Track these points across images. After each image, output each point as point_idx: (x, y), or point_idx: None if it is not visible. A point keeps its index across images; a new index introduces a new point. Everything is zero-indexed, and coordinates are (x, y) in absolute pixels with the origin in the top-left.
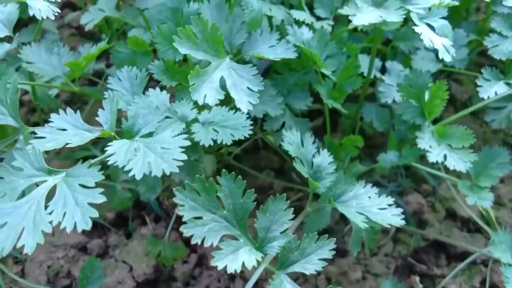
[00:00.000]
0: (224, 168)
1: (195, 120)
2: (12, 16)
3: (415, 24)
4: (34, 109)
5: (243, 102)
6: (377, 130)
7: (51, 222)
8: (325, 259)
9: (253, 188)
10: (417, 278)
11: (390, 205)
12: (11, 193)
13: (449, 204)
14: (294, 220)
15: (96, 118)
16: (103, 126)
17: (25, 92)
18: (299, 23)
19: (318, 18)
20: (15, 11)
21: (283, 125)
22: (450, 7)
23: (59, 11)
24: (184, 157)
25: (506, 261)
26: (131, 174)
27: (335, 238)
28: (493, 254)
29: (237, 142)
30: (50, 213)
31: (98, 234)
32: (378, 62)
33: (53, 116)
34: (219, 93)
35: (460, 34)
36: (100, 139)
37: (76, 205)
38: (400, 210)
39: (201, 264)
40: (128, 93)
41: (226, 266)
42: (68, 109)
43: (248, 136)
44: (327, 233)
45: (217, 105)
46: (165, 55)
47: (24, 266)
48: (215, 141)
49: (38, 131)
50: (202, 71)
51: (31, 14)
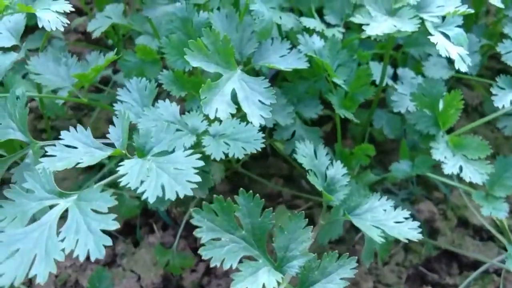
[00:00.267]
0: (232, 176)
1: (206, 133)
2: (19, 25)
3: (430, 34)
4: (41, 116)
5: (255, 116)
6: (388, 137)
7: (64, 250)
8: (347, 278)
9: (262, 196)
10: None
11: (407, 218)
12: (22, 217)
13: (461, 212)
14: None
15: (107, 135)
16: (114, 144)
17: (32, 99)
18: (310, 31)
19: (329, 25)
20: (22, 20)
21: (293, 134)
22: None
23: (68, 22)
24: (198, 179)
25: None
26: (144, 198)
27: (355, 257)
28: (510, 269)
29: None
30: (62, 240)
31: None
32: (390, 69)
33: (63, 134)
34: (231, 107)
35: (473, 40)
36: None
37: (89, 232)
38: (417, 224)
39: (210, 273)
40: (138, 105)
41: None
42: (79, 126)
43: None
44: (338, 242)
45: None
46: (175, 65)
47: None
48: (227, 155)
49: (48, 149)
50: (214, 84)
51: (40, 26)
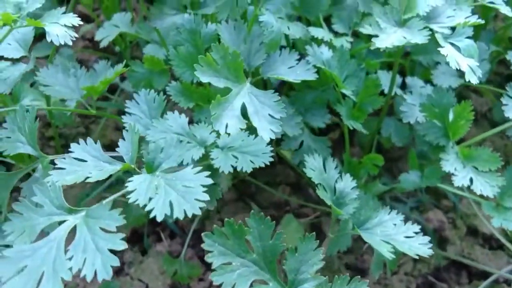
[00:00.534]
0: (240, 184)
1: (214, 145)
2: (28, 36)
3: (440, 46)
4: (49, 124)
5: (265, 130)
6: (396, 146)
7: (71, 269)
8: None
9: (269, 204)
10: None
11: (417, 233)
12: (30, 231)
13: (471, 221)
14: None
15: (116, 149)
16: (124, 157)
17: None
18: (318, 41)
19: (336, 34)
20: (31, 31)
21: (301, 144)
22: None
23: (76, 36)
24: (206, 197)
25: None
26: (152, 216)
27: (366, 281)
28: None
29: None
30: (70, 258)
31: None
32: (398, 78)
33: (73, 146)
34: (241, 122)
35: (482, 48)
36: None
37: (97, 251)
38: (427, 239)
39: None
40: (146, 117)
41: None
42: (88, 139)
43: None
44: (346, 252)
45: None
46: (183, 77)
47: None
48: (235, 167)
49: (58, 162)
50: (223, 99)
51: (49, 40)
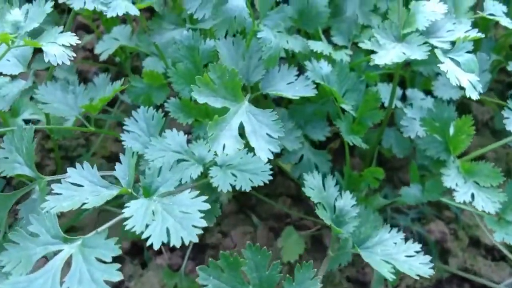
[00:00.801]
0: (240, 196)
1: (213, 162)
2: (27, 52)
3: (440, 61)
4: (49, 136)
5: (263, 150)
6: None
7: None
8: None
9: (269, 216)
10: None
11: (418, 252)
12: (26, 262)
13: (473, 232)
14: (319, 270)
15: (113, 173)
16: (120, 181)
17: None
18: (317, 55)
19: (336, 46)
20: (30, 47)
21: (302, 158)
22: None
23: (75, 55)
24: (204, 224)
25: None
26: (149, 244)
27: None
28: None
29: None
30: None
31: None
32: (398, 90)
33: (70, 171)
34: (239, 142)
35: (483, 58)
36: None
37: (92, 282)
38: (428, 258)
39: None
40: (145, 134)
41: None
42: (85, 164)
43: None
44: (347, 265)
45: None
46: (182, 94)
47: None
48: (234, 186)
49: (54, 187)
50: (221, 119)
51: (46, 60)
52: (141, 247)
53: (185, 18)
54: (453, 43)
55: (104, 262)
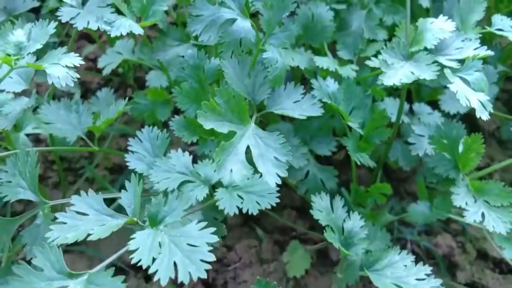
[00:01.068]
0: None
1: (219, 184)
2: (30, 69)
3: (450, 81)
4: None
5: (271, 175)
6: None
7: None
8: None
9: (274, 229)
10: None
11: (428, 275)
12: None
13: (480, 244)
14: None
15: (119, 201)
16: (126, 210)
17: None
18: (323, 71)
19: (341, 60)
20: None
21: (307, 174)
22: None
23: (79, 76)
24: (213, 258)
25: None
26: (156, 279)
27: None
28: None
29: None
30: None
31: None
32: (405, 105)
33: (74, 199)
34: (246, 167)
35: (490, 71)
36: (118, 171)
37: None
38: (439, 281)
39: None
40: (150, 155)
41: None
42: (90, 191)
43: None
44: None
45: None
46: (187, 113)
47: None
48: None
49: (59, 216)
50: (227, 144)
51: (50, 83)
52: None
53: (189, 34)
54: (462, 61)
55: None
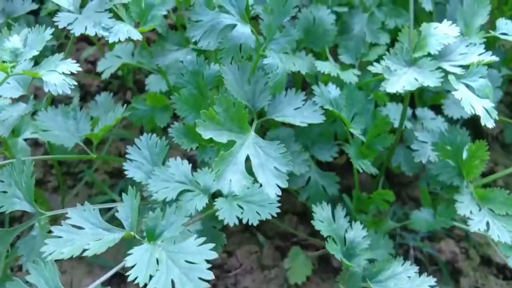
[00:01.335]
0: None
1: (219, 192)
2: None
3: (454, 88)
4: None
5: (271, 186)
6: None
7: None
8: None
9: (275, 235)
10: None
11: (433, 287)
12: None
13: (484, 250)
14: None
15: (116, 214)
16: (123, 224)
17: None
18: (324, 76)
19: (343, 64)
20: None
21: (309, 180)
22: None
23: (76, 83)
24: (211, 276)
25: None
26: None
27: None
28: None
29: None
30: None
31: (117, 283)
32: (408, 109)
33: (70, 212)
34: (245, 178)
35: (494, 75)
36: (118, 175)
37: None
38: None
39: None
40: (148, 163)
41: None
42: (86, 204)
43: None
44: None
45: None
46: (186, 120)
47: None
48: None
49: (54, 230)
50: (227, 154)
51: (46, 90)
52: None
53: (189, 38)
54: (466, 67)
55: None
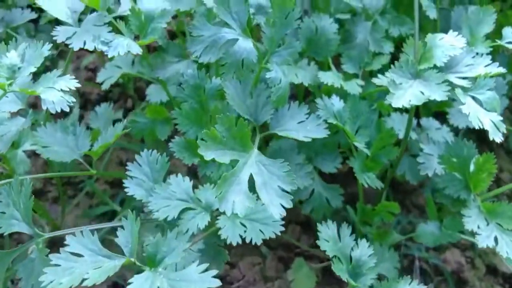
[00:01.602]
0: None
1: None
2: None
3: (461, 102)
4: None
5: (275, 206)
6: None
7: None
8: None
9: (278, 246)
10: None
11: None
12: None
13: (490, 259)
14: None
15: (115, 239)
16: (123, 250)
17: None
18: (327, 87)
19: (346, 74)
20: (29, 82)
21: (312, 192)
22: None
23: (74, 100)
24: None
25: None
26: None
27: None
28: None
29: None
30: None
31: None
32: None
33: (69, 239)
34: (249, 199)
35: (500, 83)
36: (118, 185)
37: None
38: None
39: None
40: (149, 180)
41: None
42: (85, 230)
43: None
44: None
45: None
46: (187, 135)
47: None
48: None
49: (52, 258)
50: (230, 174)
51: (44, 108)
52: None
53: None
54: (473, 78)
55: None
